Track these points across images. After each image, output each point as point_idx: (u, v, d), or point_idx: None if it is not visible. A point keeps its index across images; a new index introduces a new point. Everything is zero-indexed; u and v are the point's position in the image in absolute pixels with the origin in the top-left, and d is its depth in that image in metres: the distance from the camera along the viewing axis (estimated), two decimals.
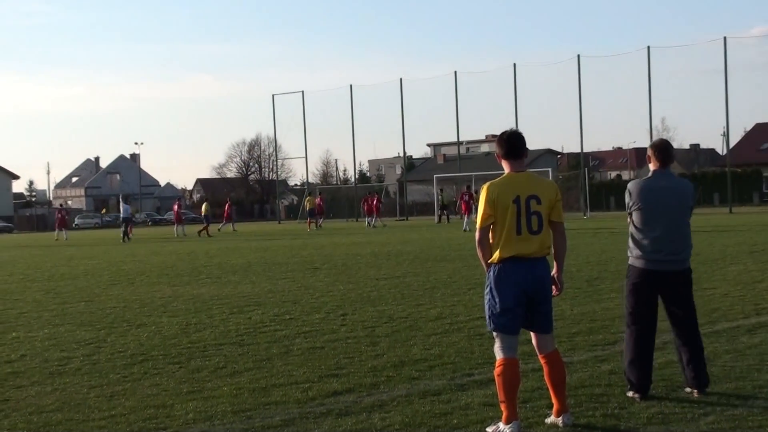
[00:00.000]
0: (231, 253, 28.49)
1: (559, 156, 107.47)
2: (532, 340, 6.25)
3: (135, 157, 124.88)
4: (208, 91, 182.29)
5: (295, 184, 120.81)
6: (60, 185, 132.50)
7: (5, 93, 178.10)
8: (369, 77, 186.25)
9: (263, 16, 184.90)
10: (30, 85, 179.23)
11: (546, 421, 6.15)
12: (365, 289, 15.39)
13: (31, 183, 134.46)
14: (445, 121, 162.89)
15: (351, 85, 72.98)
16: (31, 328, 12.07)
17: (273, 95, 77.10)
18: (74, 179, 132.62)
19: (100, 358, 9.46)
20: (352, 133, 73.93)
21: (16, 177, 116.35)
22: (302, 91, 75.27)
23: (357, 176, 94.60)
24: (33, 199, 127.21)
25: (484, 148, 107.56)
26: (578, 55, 62.35)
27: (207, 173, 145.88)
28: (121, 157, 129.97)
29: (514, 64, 65.48)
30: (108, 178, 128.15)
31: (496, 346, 6.11)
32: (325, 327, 11.10)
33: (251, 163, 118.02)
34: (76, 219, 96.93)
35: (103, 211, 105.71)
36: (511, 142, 6.09)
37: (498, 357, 6.06)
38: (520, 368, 6.12)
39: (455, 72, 68.48)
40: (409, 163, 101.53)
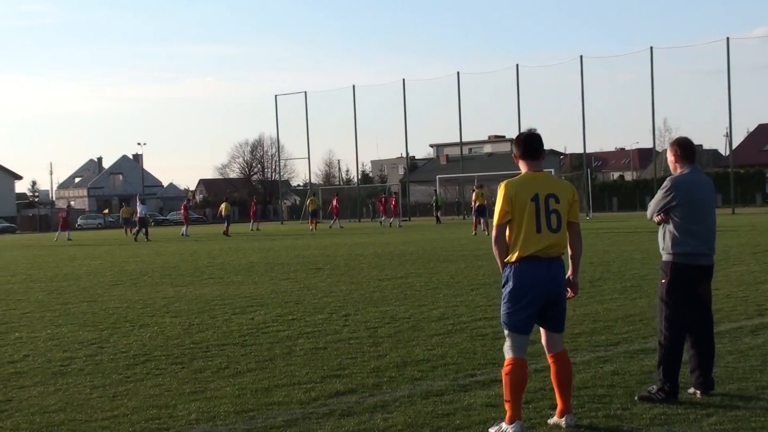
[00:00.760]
0: (234, 254, 28.49)
1: (562, 157, 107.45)
2: (543, 338, 6.21)
3: (138, 158, 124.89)
4: (211, 91, 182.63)
5: (298, 185, 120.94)
6: (63, 186, 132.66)
7: (8, 94, 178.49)
8: (372, 78, 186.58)
9: (266, 17, 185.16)
10: (33, 85, 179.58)
11: (549, 421, 6.14)
12: (368, 290, 15.39)
13: (34, 183, 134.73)
14: (448, 122, 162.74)
15: (354, 86, 73.13)
16: (34, 329, 12.08)
17: (276, 96, 77.35)
18: (77, 180, 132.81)
19: (103, 359, 9.46)
20: (355, 134, 74.08)
21: (19, 177, 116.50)
22: (305, 92, 75.49)
23: (359, 177, 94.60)
24: (36, 200, 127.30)
25: (487, 149, 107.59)
26: (581, 56, 62.43)
27: (210, 174, 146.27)
28: (124, 157, 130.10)
29: (517, 65, 65.61)
30: (111, 178, 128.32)
31: (506, 345, 6.07)
32: (327, 327, 11.10)
33: (254, 164, 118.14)
34: (79, 219, 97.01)
35: (106, 211, 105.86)
36: (529, 143, 6.11)
37: (507, 356, 6.03)
38: (528, 369, 6.11)
39: (458, 73, 68.60)
40: (412, 164, 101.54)
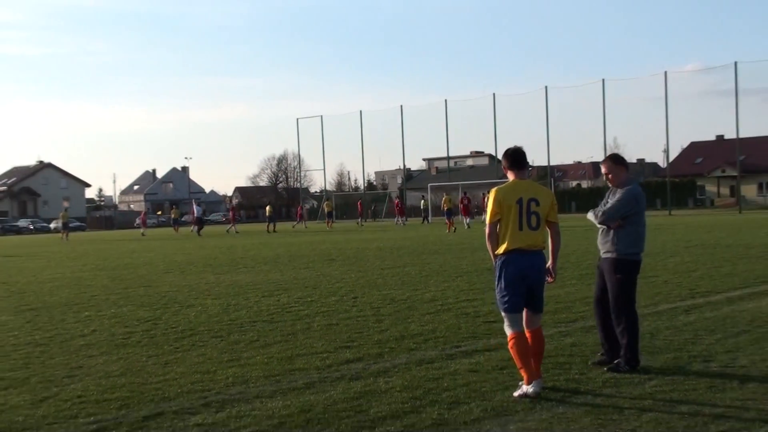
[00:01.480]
0: (263, 248, 28.47)
1: (530, 168, 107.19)
2: (523, 317, 6.06)
3: (185, 169, 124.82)
4: (244, 115, 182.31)
5: (315, 191, 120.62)
6: (124, 192, 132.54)
7: (81, 117, 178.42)
8: (376, 104, 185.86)
9: (288, 54, 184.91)
10: (100, 110, 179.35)
11: (519, 383, 6.08)
12: (372, 277, 15.38)
13: (101, 190, 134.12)
14: (438, 140, 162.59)
15: (361, 111, 73.01)
16: (100, 308, 12.07)
17: (297, 119, 77.12)
18: (135, 187, 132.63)
19: (156, 333, 9.45)
20: (362, 150, 73.92)
21: (88, 185, 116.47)
22: (321, 116, 75.24)
23: (365, 185, 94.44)
24: (102, 203, 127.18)
25: (469, 162, 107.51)
26: (546, 86, 62.30)
27: (243, 182, 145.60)
28: (174, 169, 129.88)
29: (494, 94, 65.52)
30: (162, 186, 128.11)
31: (505, 324, 6.02)
32: (339, 308, 11.09)
33: (279, 174, 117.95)
34: (137, 220, 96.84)
35: (159, 213, 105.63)
36: (515, 156, 6.10)
37: (509, 333, 5.97)
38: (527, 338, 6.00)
39: (445, 100, 68.42)
40: (408, 174, 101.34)
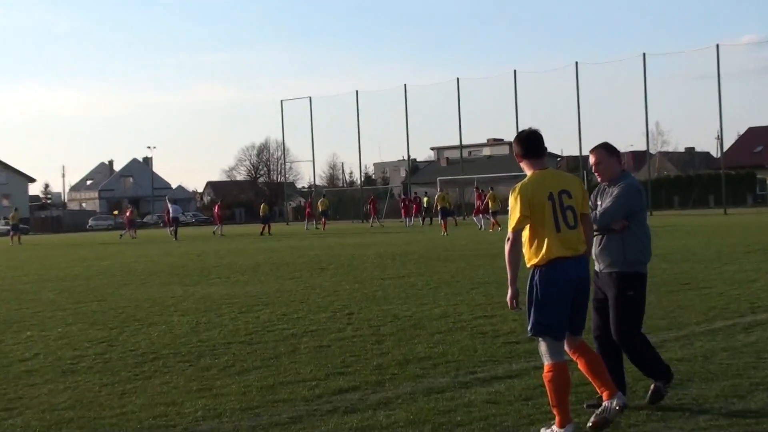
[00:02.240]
0: (240, 254, 28.45)
1: (559, 159, 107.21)
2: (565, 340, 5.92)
3: (147, 161, 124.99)
4: (219, 97, 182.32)
5: (303, 187, 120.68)
6: (75, 188, 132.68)
7: (22, 99, 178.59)
8: (374, 84, 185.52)
9: (272, 24, 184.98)
10: (46, 91, 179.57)
11: (550, 424, 5.87)
12: (371, 289, 15.34)
13: (47, 186, 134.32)
14: (448, 126, 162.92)
15: (357, 91, 73.06)
16: (45, 327, 12.03)
17: (281, 101, 77.27)
18: (88, 182, 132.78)
19: (112, 357, 9.41)
20: (358, 138, 74.08)
21: (32, 180, 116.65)
22: (309, 97, 75.41)
23: (362, 179, 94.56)
24: (48, 202, 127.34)
25: (486, 152, 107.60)
26: (576, 62, 62.24)
27: (217, 176, 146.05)
28: (134, 160, 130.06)
29: (515, 71, 65.45)
30: (121, 181, 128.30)
31: (542, 350, 5.82)
32: (331, 326, 11.05)
33: (260, 166, 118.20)
34: (90, 221, 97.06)
35: (115, 213, 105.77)
36: (531, 141, 5.91)
37: (546, 362, 5.78)
38: (569, 370, 5.84)
39: (457, 78, 68.50)
40: (414, 166, 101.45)
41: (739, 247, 21.93)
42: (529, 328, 5.86)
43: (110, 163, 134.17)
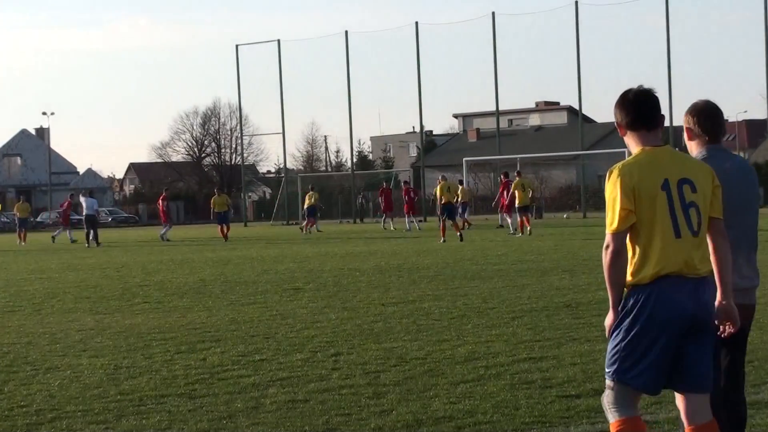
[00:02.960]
0: (177, 268, 28.49)
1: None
2: (678, 402, 5.93)
3: (42, 133, 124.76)
4: (145, 39, 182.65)
5: (268, 171, 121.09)
6: None
7: None
8: (371, 21, 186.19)
9: None
10: None
11: None
12: (366, 319, 15.39)
13: None
14: (479, 84, 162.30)
15: (346, 32, 73.31)
16: None
17: (237, 46, 77.49)
18: None
19: None
20: (348, 100, 74.20)
21: None
22: (278, 40, 75.55)
23: (355, 160, 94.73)
24: None
25: (534, 121, 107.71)
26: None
27: (144, 156, 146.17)
28: (23, 132, 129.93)
29: (576, 2, 65.51)
30: (5, 162, 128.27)
31: (606, 400, 5.88)
32: (310, 372, 11.09)
33: (206, 142, 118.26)
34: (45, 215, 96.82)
35: None
36: (640, 105, 5.85)
37: (613, 418, 5.84)
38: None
39: (492, 13, 68.57)
40: (429, 141, 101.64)
41: None
42: (609, 370, 5.82)
43: None
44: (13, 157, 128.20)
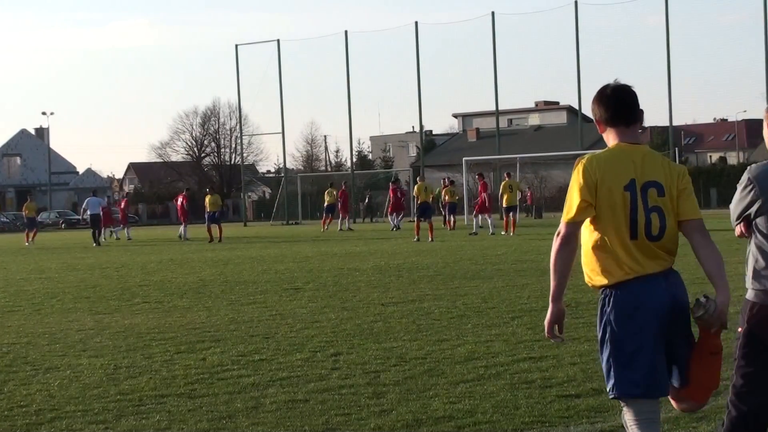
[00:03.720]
0: (177, 268, 28.51)
1: (640, 132, 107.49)
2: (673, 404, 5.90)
3: (42, 133, 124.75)
4: (145, 39, 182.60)
5: (268, 171, 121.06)
6: None
7: None
8: (371, 21, 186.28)
9: None
10: None
11: None
12: (366, 319, 15.40)
13: None
14: (479, 84, 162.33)
15: (346, 32, 73.27)
16: None
17: (236, 46, 77.38)
18: None
19: None
20: (348, 100, 74.21)
21: None
22: (277, 40, 75.51)
23: (355, 159, 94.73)
24: None
25: (533, 121, 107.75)
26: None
27: (144, 155, 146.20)
28: (23, 132, 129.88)
29: (576, 1, 65.48)
30: (4, 162, 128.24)
31: (626, 418, 5.70)
32: (309, 372, 11.10)
33: (206, 142, 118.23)
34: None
35: None
36: (619, 100, 5.79)
37: None
38: None
39: (492, 13, 68.51)
40: (428, 141, 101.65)
41: None
42: (609, 387, 5.66)
43: None
44: (12, 157, 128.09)
